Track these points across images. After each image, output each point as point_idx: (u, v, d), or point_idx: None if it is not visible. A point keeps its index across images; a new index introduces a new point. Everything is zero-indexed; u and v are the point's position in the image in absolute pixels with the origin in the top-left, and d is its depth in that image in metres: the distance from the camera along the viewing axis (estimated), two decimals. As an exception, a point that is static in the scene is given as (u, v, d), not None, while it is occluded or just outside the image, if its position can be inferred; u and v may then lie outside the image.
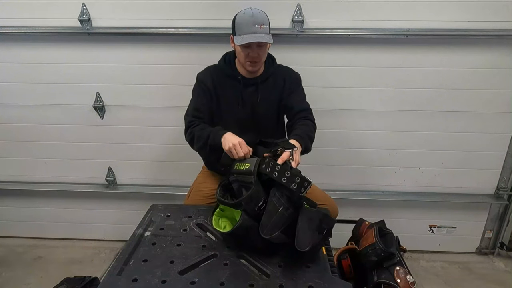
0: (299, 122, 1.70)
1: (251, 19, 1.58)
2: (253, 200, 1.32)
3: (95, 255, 2.66)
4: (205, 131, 1.60)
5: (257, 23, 1.57)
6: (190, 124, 1.68)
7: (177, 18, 2.16)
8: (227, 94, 1.74)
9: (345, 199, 2.48)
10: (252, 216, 1.32)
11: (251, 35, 1.57)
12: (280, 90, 1.77)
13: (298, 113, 1.74)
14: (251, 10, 1.62)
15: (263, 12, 1.64)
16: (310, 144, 1.61)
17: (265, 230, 1.28)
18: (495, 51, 2.18)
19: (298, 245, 1.24)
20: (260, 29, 1.58)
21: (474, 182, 2.50)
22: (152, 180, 2.58)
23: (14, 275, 2.44)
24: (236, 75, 1.73)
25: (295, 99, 1.77)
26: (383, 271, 1.43)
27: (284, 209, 1.29)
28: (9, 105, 2.43)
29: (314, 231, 1.30)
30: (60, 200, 2.69)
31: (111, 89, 2.37)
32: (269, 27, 1.64)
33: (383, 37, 2.16)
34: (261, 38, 1.57)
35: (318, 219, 1.31)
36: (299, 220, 1.29)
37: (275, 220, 1.28)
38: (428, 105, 2.31)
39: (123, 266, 1.29)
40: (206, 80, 1.74)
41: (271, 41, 1.62)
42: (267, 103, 1.76)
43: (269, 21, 1.64)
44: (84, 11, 2.15)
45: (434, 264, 2.60)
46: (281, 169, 1.30)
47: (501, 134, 2.37)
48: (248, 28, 1.58)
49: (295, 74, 1.84)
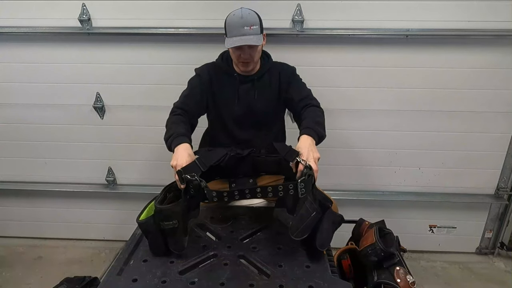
0: (303, 111, 1.67)
1: (240, 21, 1.56)
2: (166, 215, 1.30)
3: (95, 255, 2.66)
4: (172, 129, 1.55)
5: (246, 25, 1.55)
6: (172, 111, 1.67)
7: (177, 18, 2.16)
8: (224, 91, 1.75)
9: (345, 199, 2.48)
10: (155, 223, 1.32)
11: (240, 38, 1.55)
12: (276, 85, 1.76)
13: (300, 101, 1.71)
14: (241, 11, 1.59)
15: (254, 12, 1.61)
16: (323, 130, 1.56)
17: (295, 233, 1.31)
18: (495, 51, 2.18)
19: (320, 244, 1.30)
20: (249, 30, 1.56)
21: (474, 182, 2.50)
22: (152, 180, 2.58)
23: (14, 275, 2.44)
24: (232, 73, 1.73)
25: (293, 90, 1.75)
26: (383, 271, 1.42)
27: (317, 214, 1.32)
28: (9, 105, 2.43)
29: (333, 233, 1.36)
30: (60, 200, 2.69)
31: (111, 89, 2.37)
32: (260, 27, 1.61)
33: (383, 37, 2.16)
34: (249, 41, 1.55)
35: (338, 222, 1.36)
36: (324, 222, 1.33)
37: (307, 224, 1.31)
38: (428, 105, 2.31)
39: (123, 266, 1.29)
40: (203, 74, 1.75)
41: (260, 42, 1.59)
42: (264, 99, 1.75)
43: (260, 20, 1.62)
44: (84, 11, 2.15)
45: (434, 264, 2.60)
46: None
47: (501, 134, 2.37)
48: (237, 30, 1.56)
49: (289, 67, 1.83)
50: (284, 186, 1.32)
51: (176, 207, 1.31)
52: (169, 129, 1.56)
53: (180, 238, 1.33)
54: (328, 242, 1.34)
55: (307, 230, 1.31)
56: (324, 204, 1.36)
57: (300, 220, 1.32)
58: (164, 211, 1.30)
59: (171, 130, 1.55)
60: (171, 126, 1.58)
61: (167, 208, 1.30)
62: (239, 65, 1.68)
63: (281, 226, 1.53)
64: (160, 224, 1.30)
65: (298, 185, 1.28)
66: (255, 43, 1.57)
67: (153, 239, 1.34)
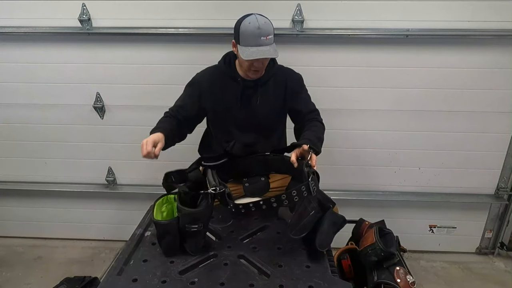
0: (308, 124, 1.69)
1: (257, 31, 1.50)
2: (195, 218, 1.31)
3: (95, 255, 2.66)
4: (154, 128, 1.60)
5: (263, 35, 1.50)
6: (164, 113, 1.73)
7: (177, 18, 2.16)
8: (227, 96, 1.73)
9: (345, 199, 2.48)
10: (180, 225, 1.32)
11: (257, 49, 1.51)
12: (282, 92, 1.75)
13: (306, 115, 1.74)
14: (256, 20, 1.52)
15: (269, 21, 1.56)
16: (320, 147, 1.60)
17: (293, 231, 1.33)
18: (495, 51, 2.18)
19: (319, 244, 1.31)
20: (266, 40, 1.52)
21: (474, 182, 2.50)
22: (152, 180, 2.58)
23: (14, 275, 2.44)
24: (236, 77, 1.71)
25: (301, 102, 1.76)
26: (383, 271, 1.43)
27: (315, 213, 1.32)
28: (9, 105, 2.43)
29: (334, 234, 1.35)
30: (60, 200, 2.69)
31: (111, 89, 2.36)
32: (274, 35, 1.57)
33: (383, 37, 2.16)
34: (268, 54, 1.52)
35: (339, 224, 1.35)
36: (325, 223, 1.33)
37: (305, 222, 1.32)
38: (428, 105, 2.31)
39: (123, 266, 1.29)
40: (202, 82, 1.73)
41: (277, 54, 1.55)
42: (266, 105, 1.74)
43: (273, 29, 1.58)
44: (84, 11, 2.15)
45: (434, 264, 2.60)
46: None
47: (501, 134, 2.37)
48: (254, 40, 1.51)
49: (296, 75, 1.81)
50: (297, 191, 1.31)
51: (206, 211, 1.33)
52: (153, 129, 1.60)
53: (200, 240, 1.36)
54: (328, 243, 1.34)
55: (305, 229, 1.32)
56: (325, 205, 1.36)
57: (298, 218, 1.33)
58: (194, 214, 1.30)
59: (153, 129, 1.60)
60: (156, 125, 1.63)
61: (198, 211, 1.31)
62: (250, 73, 1.65)
63: (281, 226, 1.53)
64: (186, 227, 1.30)
65: (310, 185, 1.30)
66: (273, 56, 1.54)
67: (171, 240, 1.33)
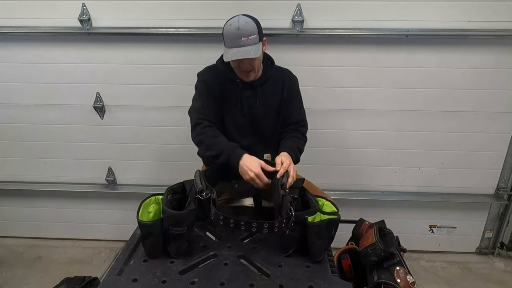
0: (290, 133, 1.74)
1: (236, 32, 1.48)
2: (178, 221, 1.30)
3: (95, 255, 2.66)
4: (218, 144, 1.54)
5: (243, 36, 1.48)
6: (198, 122, 1.61)
7: (177, 18, 2.16)
8: (226, 97, 1.72)
9: (345, 199, 2.48)
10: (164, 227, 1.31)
11: (237, 50, 1.49)
12: (279, 93, 1.74)
13: (294, 123, 1.76)
14: (237, 21, 1.50)
15: (251, 20, 1.53)
16: (300, 155, 1.67)
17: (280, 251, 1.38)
18: (495, 51, 2.18)
19: (313, 257, 1.33)
20: (247, 41, 1.49)
21: (474, 182, 2.50)
22: (152, 180, 2.58)
23: (14, 275, 2.44)
24: (234, 79, 1.68)
25: (293, 107, 1.77)
26: (383, 271, 1.42)
27: (290, 231, 1.32)
28: (9, 105, 2.43)
29: (325, 239, 1.35)
30: (60, 200, 2.69)
31: (111, 89, 2.37)
32: (259, 35, 1.54)
33: (383, 37, 2.16)
34: (246, 54, 1.49)
35: (324, 228, 1.33)
36: (308, 237, 1.33)
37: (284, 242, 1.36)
38: (428, 105, 2.31)
39: (123, 266, 1.29)
40: (209, 80, 1.71)
41: (258, 54, 1.52)
42: (265, 107, 1.73)
43: (258, 28, 1.54)
44: (84, 11, 2.15)
45: (434, 264, 2.60)
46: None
47: (501, 134, 2.37)
48: (234, 41, 1.50)
49: (293, 77, 1.81)
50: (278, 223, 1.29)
51: (190, 214, 1.32)
52: (213, 144, 1.54)
53: (183, 243, 1.34)
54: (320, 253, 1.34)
55: (291, 246, 1.36)
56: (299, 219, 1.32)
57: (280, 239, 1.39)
58: (177, 217, 1.29)
59: (218, 145, 1.53)
60: (213, 142, 1.55)
61: (181, 214, 1.30)
62: (241, 75, 1.65)
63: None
64: (169, 229, 1.29)
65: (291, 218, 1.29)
66: (252, 56, 1.50)
67: (154, 242, 1.33)
